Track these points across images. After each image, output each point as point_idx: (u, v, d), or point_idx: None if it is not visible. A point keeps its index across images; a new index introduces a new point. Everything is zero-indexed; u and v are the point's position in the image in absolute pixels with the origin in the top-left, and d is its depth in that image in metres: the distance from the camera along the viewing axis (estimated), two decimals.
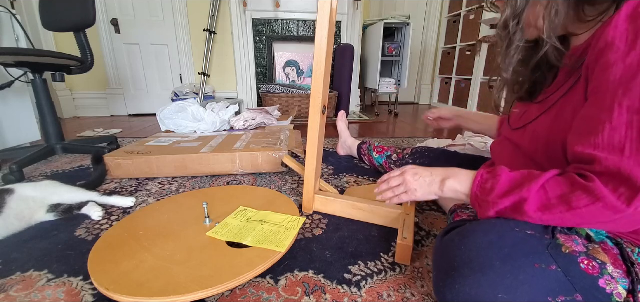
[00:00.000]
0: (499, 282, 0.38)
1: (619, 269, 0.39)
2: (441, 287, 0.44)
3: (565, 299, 0.37)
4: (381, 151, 1.12)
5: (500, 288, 0.38)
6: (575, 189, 0.37)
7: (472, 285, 0.39)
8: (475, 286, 0.39)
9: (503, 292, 0.37)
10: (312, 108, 0.71)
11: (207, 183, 1.05)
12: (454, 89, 3.05)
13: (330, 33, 0.66)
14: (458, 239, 0.45)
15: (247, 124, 1.57)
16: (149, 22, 2.52)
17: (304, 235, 0.72)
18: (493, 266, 0.39)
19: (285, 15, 2.56)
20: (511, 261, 0.39)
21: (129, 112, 2.71)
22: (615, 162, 0.34)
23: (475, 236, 0.43)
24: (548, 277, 0.38)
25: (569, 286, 0.38)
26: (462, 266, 0.41)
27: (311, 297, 0.53)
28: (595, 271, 0.39)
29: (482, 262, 0.40)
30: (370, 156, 1.17)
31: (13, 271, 0.59)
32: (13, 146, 1.58)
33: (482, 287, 0.38)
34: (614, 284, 0.38)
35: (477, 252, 0.41)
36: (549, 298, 0.37)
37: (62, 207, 0.79)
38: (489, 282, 0.38)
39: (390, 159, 1.07)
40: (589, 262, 0.39)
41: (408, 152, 1.02)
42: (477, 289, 0.39)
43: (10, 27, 1.59)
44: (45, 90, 1.30)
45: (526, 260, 0.39)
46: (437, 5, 3.26)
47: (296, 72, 2.79)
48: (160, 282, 0.51)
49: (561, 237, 0.42)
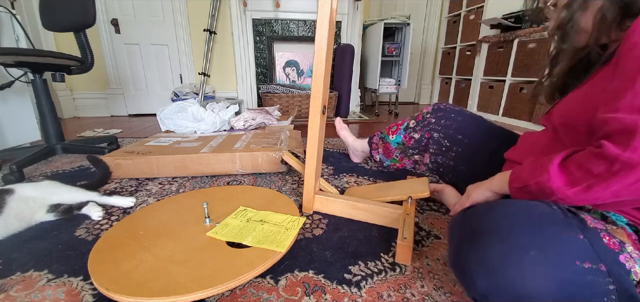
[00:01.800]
0: (529, 242, 0.39)
1: (637, 250, 0.40)
2: (463, 254, 0.44)
3: (591, 267, 0.37)
4: (395, 129, 1.00)
5: (531, 247, 0.38)
6: (590, 158, 0.39)
7: (501, 247, 0.40)
8: (504, 247, 0.40)
9: (535, 250, 0.38)
10: (312, 108, 0.71)
11: (207, 183, 1.05)
12: (454, 89, 3.05)
13: (330, 33, 0.66)
14: (484, 209, 0.47)
15: (247, 124, 1.57)
16: (149, 22, 2.52)
17: (304, 235, 0.72)
18: (521, 231, 0.40)
19: (285, 15, 2.56)
20: (540, 227, 0.40)
21: (129, 112, 2.71)
22: (633, 119, 0.36)
23: (502, 206, 0.45)
24: (576, 244, 0.39)
25: (594, 255, 0.38)
26: (489, 231, 0.42)
27: (311, 297, 0.53)
28: (615, 247, 0.40)
29: (511, 227, 0.41)
30: (384, 143, 1.03)
31: (13, 271, 0.59)
32: (13, 146, 1.58)
33: (513, 248, 0.39)
34: (632, 262, 0.39)
35: (505, 219, 0.43)
36: (577, 261, 0.38)
37: (62, 207, 0.79)
38: (519, 243, 0.39)
39: (408, 128, 0.96)
40: (610, 239, 0.41)
41: (428, 110, 0.93)
42: (507, 250, 0.39)
43: (10, 27, 1.58)
44: (45, 90, 1.30)
45: (555, 227, 0.40)
46: (437, 5, 3.26)
47: (296, 72, 2.79)
48: (160, 282, 0.51)
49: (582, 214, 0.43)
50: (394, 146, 1.01)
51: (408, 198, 0.78)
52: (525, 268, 0.37)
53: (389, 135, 1.02)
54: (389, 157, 1.04)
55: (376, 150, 1.09)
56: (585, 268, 0.37)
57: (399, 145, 0.99)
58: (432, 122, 0.89)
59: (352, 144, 1.23)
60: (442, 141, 0.86)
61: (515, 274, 0.38)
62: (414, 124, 0.94)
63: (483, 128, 0.82)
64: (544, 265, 0.37)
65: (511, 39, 2.23)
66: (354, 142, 1.22)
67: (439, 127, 0.86)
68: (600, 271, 0.37)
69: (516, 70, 2.21)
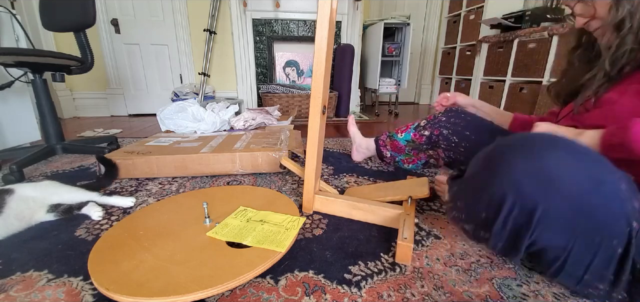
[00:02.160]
0: (578, 147, 0.44)
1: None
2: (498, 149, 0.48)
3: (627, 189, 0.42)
4: (405, 129, 1.05)
5: (580, 149, 0.43)
6: None
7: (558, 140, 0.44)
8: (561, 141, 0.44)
9: (581, 152, 0.43)
10: (312, 108, 0.71)
11: (207, 183, 1.05)
12: (454, 89, 3.05)
13: (330, 33, 0.66)
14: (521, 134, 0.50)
15: (247, 124, 1.57)
16: (149, 22, 2.52)
17: (304, 235, 0.72)
18: (581, 148, 0.44)
19: (285, 15, 2.56)
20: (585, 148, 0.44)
21: (129, 112, 2.71)
22: None
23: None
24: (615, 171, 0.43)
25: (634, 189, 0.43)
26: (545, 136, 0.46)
27: (311, 297, 0.53)
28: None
29: (564, 138, 0.44)
30: (393, 141, 1.08)
31: (13, 271, 0.59)
32: (13, 146, 1.58)
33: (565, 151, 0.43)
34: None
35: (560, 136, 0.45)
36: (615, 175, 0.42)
37: (62, 207, 0.79)
38: (576, 149, 0.43)
39: (419, 127, 1.01)
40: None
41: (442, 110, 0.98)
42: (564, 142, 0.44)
43: (10, 27, 1.58)
44: (45, 90, 1.30)
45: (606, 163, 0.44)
46: (437, 5, 3.26)
47: (296, 72, 2.79)
48: (160, 282, 0.51)
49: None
50: (404, 143, 1.06)
51: (408, 198, 0.78)
52: (566, 156, 0.42)
53: (398, 134, 1.07)
54: (401, 152, 1.09)
55: (384, 147, 1.13)
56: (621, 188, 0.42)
57: (409, 142, 1.05)
58: (443, 121, 0.94)
59: (359, 140, 1.25)
60: (451, 137, 0.91)
61: (556, 156, 0.42)
62: (425, 123, 1.00)
63: (489, 127, 0.88)
64: (585, 161, 0.42)
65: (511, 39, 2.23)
66: (361, 139, 1.25)
67: (449, 125, 0.92)
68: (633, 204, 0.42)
69: (516, 71, 2.21)
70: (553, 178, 0.41)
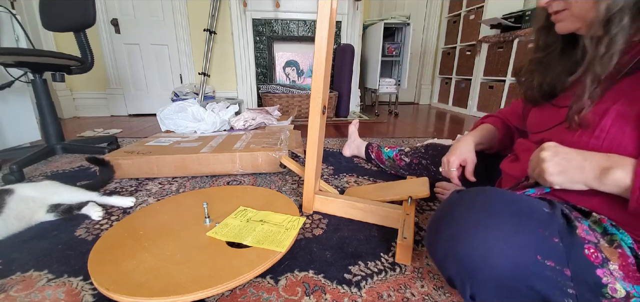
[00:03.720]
0: (500, 223, 0.40)
1: (624, 272, 0.39)
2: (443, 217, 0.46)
3: (553, 266, 0.39)
4: (394, 146, 1.14)
5: (502, 228, 0.40)
6: None
7: (478, 216, 0.41)
8: (480, 217, 0.41)
9: (502, 232, 0.39)
10: (312, 108, 0.71)
11: (207, 183, 1.05)
12: (454, 89, 3.05)
13: (330, 33, 0.66)
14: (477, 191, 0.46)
15: (247, 124, 1.57)
16: (149, 22, 2.52)
17: (304, 235, 0.72)
18: (502, 213, 0.41)
19: (285, 15, 2.56)
20: (518, 217, 0.40)
21: (129, 112, 2.71)
22: None
23: (495, 192, 0.45)
24: (546, 243, 0.39)
25: (563, 258, 0.39)
26: (475, 204, 0.43)
27: (311, 297, 0.53)
28: (596, 261, 0.40)
29: (493, 208, 0.42)
30: (379, 151, 1.17)
31: (13, 271, 0.59)
32: (13, 146, 1.58)
33: (487, 222, 0.40)
34: (611, 279, 0.39)
35: (492, 201, 0.43)
36: (538, 256, 0.38)
37: (62, 207, 0.79)
38: (494, 222, 0.40)
39: (402, 151, 1.07)
40: (595, 252, 0.40)
41: (422, 146, 1.02)
42: (476, 224, 0.41)
43: (10, 27, 1.59)
44: (45, 91, 1.30)
45: (533, 222, 0.41)
46: (437, 5, 3.26)
47: (296, 72, 2.79)
48: (160, 282, 0.51)
49: (577, 223, 0.43)
50: (386, 158, 1.14)
51: (408, 198, 0.78)
52: (487, 239, 0.39)
53: (385, 148, 1.16)
54: (382, 164, 1.17)
55: (372, 151, 1.23)
56: (546, 264, 0.38)
57: (390, 159, 1.12)
58: (422, 152, 1.00)
59: (355, 138, 1.36)
60: (430, 167, 0.96)
61: (476, 241, 0.40)
62: (408, 150, 1.06)
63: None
64: (504, 245, 0.39)
65: (511, 39, 2.23)
66: (357, 137, 1.36)
67: (428, 156, 0.98)
68: (563, 273, 0.39)
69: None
70: (472, 265, 0.40)
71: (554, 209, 0.44)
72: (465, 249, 0.40)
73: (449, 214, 0.45)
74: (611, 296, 0.38)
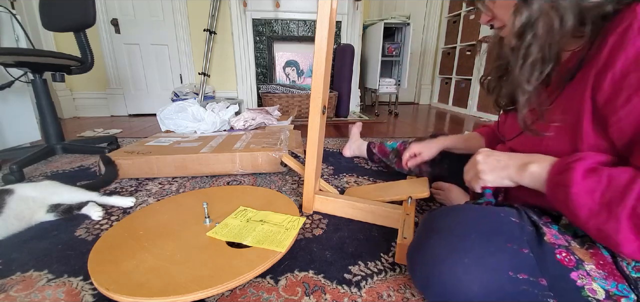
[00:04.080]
0: (469, 248, 0.41)
1: (603, 270, 0.39)
2: (417, 248, 0.47)
3: (527, 278, 0.39)
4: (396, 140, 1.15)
5: (469, 253, 0.41)
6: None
7: (446, 245, 0.42)
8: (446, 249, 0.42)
9: (471, 256, 0.40)
10: (312, 108, 0.71)
11: (207, 183, 1.05)
12: (454, 89, 3.05)
13: (330, 33, 0.66)
14: (447, 211, 0.48)
15: (247, 124, 1.57)
16: (149, 22, 2.52)
17: (304, 235, 0.72)
18: (469, 235, 0.42)
19: (285, 15, 2.56)
20: (486, 236, 0.42)
21: (129, 112, 2.71)
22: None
23: (464, 211, 0.47)
24: (516, 256, 0.40)
25: (534, 269, 0.40)
26: (441, 230, 0.45)
27: (311, 297, 0.53)
28: (570, 264, 0.40)
29: (461, 232, 0.43)
30: (381, 144, 1.17)
31: (13, 271, 0.59)
32: (13, 146, 1.58)
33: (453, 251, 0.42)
34: (588, 279, 0.39)
35: (460, 223, 0.44)
36: (510, 272, 0.39)
37: (62, 207, 0.79)
38: (460, 247, 0.42)
39: (405, 142, 1.08)
40: (567, 255, 0.40)
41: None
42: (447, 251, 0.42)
43: (10, 27, 1.58)
44: (45, 90, 1.30)
45: (500, 238, 0.42)
46: (437, 5, 3.26)
47: (296, 72, 2.79)
48: (160, 282, 0.51)
49: (545, 229, 0.43)
50: (390, 150, 1.13)
51: (408, 198, 0.78)
52: (457, 270, 0.40)
53: (387, 141, 1.17)
54: (386, 156, 1.16)
55: (374, 147, 1.21)
56: (519, 279, 0.39)
57: (394, 150, 1.11)
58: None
59: (356, 139, 1.37)
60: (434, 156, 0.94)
61: (447, 273, 0.41)
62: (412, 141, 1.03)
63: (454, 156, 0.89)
64: (475, 271, 0.40)
65: None
66: (358, 139, 1.37)
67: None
68: (539, 284, 0.39)
69: None
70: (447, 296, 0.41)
71: (521, 218, 0.45)
72: (439, 281, 0.42)
73: (422, 245, 0.46)
74: (592, 297, 0.38)
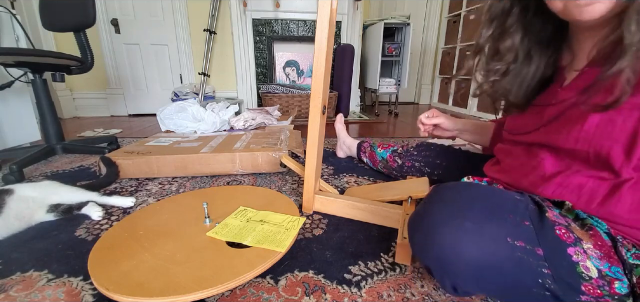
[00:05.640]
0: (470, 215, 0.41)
1: (599, 251, 0.39)
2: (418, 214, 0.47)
3: (524, 246, 0.39)
4: (387, 146, 1.09)
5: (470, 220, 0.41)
6: None
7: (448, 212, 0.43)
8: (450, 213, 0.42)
9: (472, 221, 0.40)
10: (312, 108, 0.71)
11: (207, 183, 1.05)
12: (454, 89, 3.05)
13: (330, 33, 0.66)
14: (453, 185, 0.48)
15: (247, 124, 1.57)
16: (149, 22, 2.52)
17: (304, 235, 0.72)
18: (473, 206, 0.42)
19: (285, 15, 2.56)
20: (489, 209, 0.42)
21: (129, 112, 2.71)
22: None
23: (469, 186, 0.47)
24: (516, 226, 0.40)
25: (534, 238, 0.40)
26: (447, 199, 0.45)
27: (311, 297, 0.53)
28: (568, 240, 0.40)
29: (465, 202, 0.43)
30: (372, 151, 1.13)
31: (13, 271, 0.59)
32: (13, 146, 1.58)
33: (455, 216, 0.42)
34: (583, 257, 0.39)
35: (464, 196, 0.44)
36: (508, 238, 0.39)
37: (62, 207, 0.79)
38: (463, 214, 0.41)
39: (396, 152, 1.04)
40: (566, 232, 0.41)
41: (413, 145, 1.01)
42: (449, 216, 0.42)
43: (10, 27, 1.58)
44: (45, 90, 1.30)
45: (502, 209, 0.42)
46: (437, 5, 3.26)
47: (296, 72, 2.79)
48: (160, 282, 0.51)
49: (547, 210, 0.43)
50: (379, 159, 1.10)
51: (408, 198, 0.78)
52: (456, 233, 0.40)
53: (378, 148, 1.11)
54: (375, 165, 1.14)
55: (364, 153, 1.19)
56: (516, 246, 0.39)
57: (383, 160, 1.08)
58: (414, 154, 0.98)
59: (344, 138, 1.32)
60: (423, 169, 0.95)
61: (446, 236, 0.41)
62: (400, 151, 1.03)
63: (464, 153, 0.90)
64: (473, 235, 0.40)
65: None
66: (346, 137, 1.32)
67: (420, 158, 0.96)
68: (535, 253, 0.39)
69: None
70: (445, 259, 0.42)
71: (524, 196, 0.45)
72: (438, 243, 0.42)
73: (425, 211, 0.46)
74: (585, 274, 0.38)
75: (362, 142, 1.22)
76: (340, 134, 1.34)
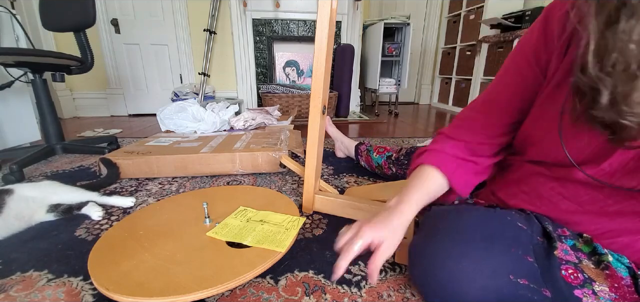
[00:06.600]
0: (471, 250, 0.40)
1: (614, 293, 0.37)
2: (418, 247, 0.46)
3: (527, 285, 0.38)
4: (382, 151, 1.07)
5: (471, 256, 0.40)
6: None
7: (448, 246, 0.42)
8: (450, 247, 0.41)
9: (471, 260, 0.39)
10: (312, 108, 0.71)
11: (207, 183, 1.05)
12: (454, 89, 3.05)
13: (330, 33, 0.66)
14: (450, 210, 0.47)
15: (247, 124, 1.57)
16: (149, 22, 2.52)
17: (304, 235, 0.72)
18: (474, 239, 0.41)
19: (285, 15, 2.56)
20: (490, 240, 0.41)
21: (129, 112, 2.71)
22: None
23: (468, 212, 0.46)
24: (519, 262, 0.39)
25: (538, 278, 0.38)
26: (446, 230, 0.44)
27: (311, 297, 0.53)
28: (575, 281, 0.38)
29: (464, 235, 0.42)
30: (368, 156, 1.11)
31: (13, 271, 0.59)
32: (13, 146, 1.58)
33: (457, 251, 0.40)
34: (592, 298, 0.37)
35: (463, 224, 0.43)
36: (511, 276, 0.38)
37: (62, 207, 0.79)
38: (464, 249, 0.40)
39: (390, 159, 1.03)
40: (574, 272, 0.39)
41: (403, 152, 0.99)
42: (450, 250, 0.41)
43: (10, 27, 1.58)
44: (45, 90, 1.30)
45: (505, 242, 0.41)
46: (437, 5, 3.26)
47: (296, 72, 2.79)
48: (160, 282, 0.51)
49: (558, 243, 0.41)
50: (375, 165, 1.09)
51: None
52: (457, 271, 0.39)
53: (374, 153, 1.10)
54: (372, 169, 1.13)
55: (361, 156, 1.18)
56: (520, 283, 0.38)
57: (379, 166, 1.08)
58: (405, 163, 0.97)
59: (341, 138, 1.31)
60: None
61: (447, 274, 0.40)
62: (395, 158, 1.02)
63: None
64: (475, 273, 0.39)
65: (511, 39, 2.23)
66: (343, 137, 1.31)
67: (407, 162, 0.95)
68: (541, 293, 0.38)
69: None
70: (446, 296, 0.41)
71: (530, 225, 0.43)
72: (438, 281, 0.41)
73: (423, 245, 0.45)
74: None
75: (360, 144, 1.20)
76: (336, 136, 1.32)
